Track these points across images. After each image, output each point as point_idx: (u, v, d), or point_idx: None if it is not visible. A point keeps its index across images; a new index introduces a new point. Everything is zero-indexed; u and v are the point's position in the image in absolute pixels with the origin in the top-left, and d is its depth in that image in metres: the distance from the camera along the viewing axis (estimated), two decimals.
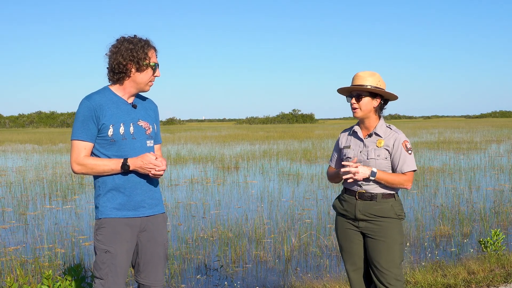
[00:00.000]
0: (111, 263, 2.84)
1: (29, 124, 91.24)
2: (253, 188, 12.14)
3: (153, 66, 2.92)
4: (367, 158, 3.23)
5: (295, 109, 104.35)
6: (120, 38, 2.91)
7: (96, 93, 2.91)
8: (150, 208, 2.96)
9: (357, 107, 3.24)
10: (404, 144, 3.21)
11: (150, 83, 2.96)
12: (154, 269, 3.00)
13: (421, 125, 66.22)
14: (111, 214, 2.87)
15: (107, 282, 2.84)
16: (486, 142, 27.65)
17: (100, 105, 2.84)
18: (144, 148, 2.94)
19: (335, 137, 33.63)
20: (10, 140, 39.30)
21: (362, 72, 3.25)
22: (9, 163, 20.11)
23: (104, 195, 2.88)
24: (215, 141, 33.83)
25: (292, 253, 6.52)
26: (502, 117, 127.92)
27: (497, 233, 5.88)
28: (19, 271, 4.99)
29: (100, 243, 2.86)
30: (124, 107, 2.92)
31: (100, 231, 2.86)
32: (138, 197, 2.91)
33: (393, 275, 3.19)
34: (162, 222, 3.05)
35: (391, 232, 3.21)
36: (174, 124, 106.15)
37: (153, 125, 3.05)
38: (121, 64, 2.86)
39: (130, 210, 2.89)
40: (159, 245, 3.01)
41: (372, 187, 3.21)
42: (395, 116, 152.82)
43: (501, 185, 11.74)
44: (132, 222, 2.90)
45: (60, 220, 8.77)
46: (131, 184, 2.89)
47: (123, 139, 2.87)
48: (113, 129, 2.85)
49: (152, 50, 2.93)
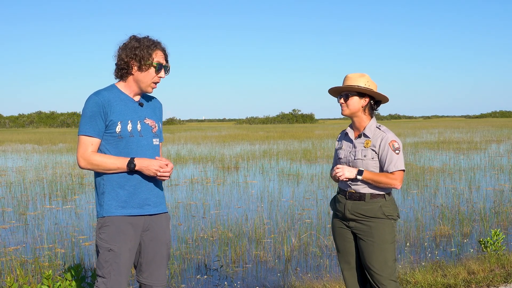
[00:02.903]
0: (114, 261, 2.83)
1: (29, 124, 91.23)
2: (253, 188, 12.14)
3: (156, 66, 2.92)
4: (354, 159, 3.29)
5: (295, 109, 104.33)
6: (131, 36, 2.94)
7: (105, 89, 2.92)
8: (155, 207, 2.96)
9: (344, 106, 3.34)
10: (391, 143, 3.24)
11: (153, 85, 2.96)
12: (157, 268, 2.99)
13: (421, 125, 66.26)
14: (116, 212, 2.86)
15: (110, 281, 2.83)
16: (486, 142, 27.65)
17: (108, 101, 2.85)
18: (150, 146, 2.95)
19: (335, 137, 33.55)
20: (10, 140, 39.30)
21: (351, 73, 3.36)
22: (9, 163, 20.10)
23: (109, 193, 2.87)
24: (215, 141, 33.83)
25: (292, 253, 6.53)
26: (502, 117, 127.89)
27: (497, 233, 5.88)
28: (19, 271, 4.99)
29: (104, 241, 2.84)
30: (131, 105, 2.94)
31: (104, 230, 2.85)
32: (143, 195, 2.91)
33: (386, 276, 3.23)
34: (166, 222, 3.05)
35: (380, 233, 3.24)
36: (174, 124, 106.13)
37: (158, 124, 3.06)
38: (123, 61, 2.88)
39: (135, 207, 2.89)
40: (162, 244, 3.00)
41: (360, 187, 3.26)
42: (395, 116, 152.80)
43: (501, 185, 11.74)
44: (136, 221, 2.89)
45: (60, 220, 8.77)
46: (136, 181, 2.88)
47: (131, 136, 2.88)
48: (121, 126, 2.85)
49: (158, 51, 2.93)
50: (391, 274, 3.24)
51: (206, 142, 32.94)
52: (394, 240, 3.30)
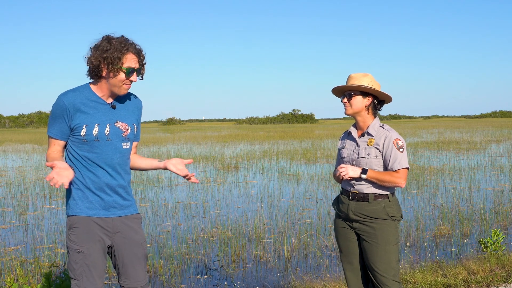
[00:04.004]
0: (84, 263, 2.80)
1: (29, 124, 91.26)
2: (253, 188, 12.14)
3: (126, 71, 2.81)
4: (358, 157, 3.29)
5: (295, 109, 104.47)
6: (104, 37, 2.84)
7: (74, 90, 2.84)
8: (121, 209, 2.93)
9: (348, 106, 3.35)
10: (395, 142, 3.24)
11: (125, 86, 2.86)
12: (133, 269, 2.96)
13: (421, 125, 66.26)
14: (82, 213, 2.83)
15: (82, 283, 2.81)
16: (486, 142, 27.64)
17: (73, 105, 2.78)
18: (118, 150, 2.89)
19: (335, 137, 33.63)
20: (10, 140, 39.30)
21: (355, 73, 3.36)
22: (9, 163, 20.11)
23: (76, 192, 2.84)
24: (215, 141, 33.83)
25: (292, 253, 6.52)
26: (502, 117, 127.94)
27: (497, 233, 5.88)
28: (19, 271, 4.98)
29: (73, 243, 2.82)
30: (102, 107, 2.86)
31: (72, 231, 2.83)
32: (109, 198, 2.87)
33: (390, 277, 3.23)
34: (137, 223, 3.01)
35: (384, 234, 3.23)
36: (174, 124, 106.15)
37: (132, 126, 2.98)
38: (93, 64, 2.80)
39: (101, 209, 2.86)
40: (135, 245, 2.96)
41: (364, 187, 3.25)
42: (395, 116, 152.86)
43: (501, 185, 11.74)
44: (104, 222, 2.86)
45: (60, 220, 8.76)
46: (102, 185, 2.85)
47: (96, 140, 2.82)
48: (86, 130, 2.80)
49: (129, 55, 2.81)
50: (395, 275, 3.24)
51: (206, 142, 32.94)
52: (398, 241, 3.29)
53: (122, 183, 2.94)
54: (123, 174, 2.94)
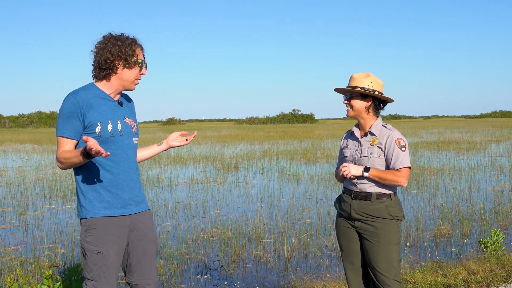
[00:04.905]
0: (103, 264, 2.79)
1: (29, 124, 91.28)
2: (253, 188, 12.14)
3: (140, 64, 2.89)
4: (360, 156, 3.30)
5: (295, 109, 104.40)
6: (107, 35, 2.88)
7: (83, 89, 2.85)
8: (137, 205, 2.94)
9: (348, 107, 3.37)
10: (397, 141, 3.25)
11: (136, 82, 2.94)
12: (148, 266, 2.97)
13: (421, 125, 66.27)
14: (100, 213, 2.81)
15: (100, 284, 2.80)
16: (486, 142, 27.65)
17: (86, 102, 2.79)
18: (131, 146, 2.92)
19: (335, 137, 33.66)
20: (10, 140, 39.30)
21: (356, 73, 3.36)
22: (9, 163, 20.11)
23: (91, 193, 2.82)
24: (215, 141, 33.83)
25: (292, 253, 6.53)
26: (502, 117, 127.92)
27: (497, 233, 5.88)
28: (19, 271, 4.99)
29: (91, 244, 2.79)
30: (111, 104, 2.88)
31: (90, 233, 2.80)
32: (125, 195, 2.88)
33: (391, 276, 3.23)
34: (150, 219, 3.03)
35: (386, 234, 3.23)
36: (174, 124, 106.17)
37: (136, 123, 3.04)
38: (109, 60, 2.82)
39: (118, 208, 2.85)
40: (150, 241, 2.99)
41: (366, 186, 3.26)
42: (395, 116, 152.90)
43: (501, 185, 11.74)
44: (122, 221, 2.86)
45: (60, 220, 8.76)
46: (118, 181, 2.85)
47: (111, 136, 2.83)
48: (101, 126, 2.80)
49: (139, 48, 2.91)
50: (396, 275, 3.24)
51: (206, 142, 32.94)
52: (399, 241, 3.30)
53: (136, 178, 2.96)
54: (135, 169, 2.97)
